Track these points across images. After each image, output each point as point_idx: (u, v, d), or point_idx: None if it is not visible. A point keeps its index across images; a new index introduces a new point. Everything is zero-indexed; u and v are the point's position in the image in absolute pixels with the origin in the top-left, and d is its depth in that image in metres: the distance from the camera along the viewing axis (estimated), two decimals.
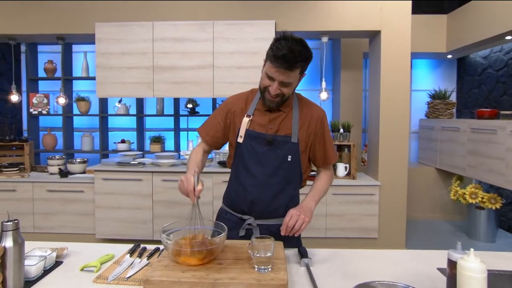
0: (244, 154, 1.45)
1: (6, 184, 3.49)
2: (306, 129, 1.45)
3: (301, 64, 1.31)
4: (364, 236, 3.45)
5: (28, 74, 4.27)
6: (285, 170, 1.44)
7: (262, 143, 1.42)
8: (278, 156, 1.42)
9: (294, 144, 1.43)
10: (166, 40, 3.30)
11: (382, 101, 3.39)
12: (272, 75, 1.32)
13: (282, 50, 1.26)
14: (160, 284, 1.08)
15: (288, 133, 1.43)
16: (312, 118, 1.46)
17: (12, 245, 1.10)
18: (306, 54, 1.30)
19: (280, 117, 1.43)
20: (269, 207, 1.45)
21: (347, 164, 3.59)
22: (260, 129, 1.43)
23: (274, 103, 1.38)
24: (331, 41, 4.69)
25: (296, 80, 1.37)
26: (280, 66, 1.27)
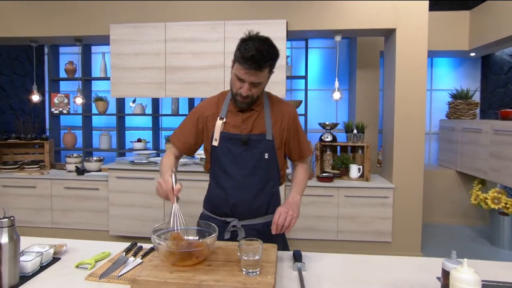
0: (220, 156, 1.46)
1: (27, 181, 3.63)
2: (279, 126, 1.47)
3: (269, 63, 1.33)
4: (377, 239, 3.36)
5: (50, 74, 4.43)
6: (263, 169, 1.45)
7: (237, 144, 1.44)
8: (254, 155, 1.44)
9: (269, 142, 1.45)
10: (178, 40, 3.33)
11: (397, 101, 3.29)
12: (242, 76, 1.33)
13: (250, 51, 1.27)
14: (146, 284, 1.08)
15: (262, 131, 1.45)
16: (284, 115, 1.49)
17: (8, 241, 1.13)
18: (274, 53, 1.33)
19: (252, 117, 1.45)
20: (251, 207, 1.46)
21: (360, 166, 3.50)
22: (234, 130, 1.45)
23: (245, 103, 1.40)
24: (348, 40, 4.60)
25: (265, 80, 1.39)
26: (249, 67, 1.29)
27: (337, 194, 3.35)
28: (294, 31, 3.39)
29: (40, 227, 3.64)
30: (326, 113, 4.68)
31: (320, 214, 3.37)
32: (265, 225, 1.49)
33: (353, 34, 3.72)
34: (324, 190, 3.35)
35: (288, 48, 4.68)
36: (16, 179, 3.65)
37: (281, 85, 3.32)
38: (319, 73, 4.70)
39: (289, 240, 3.32)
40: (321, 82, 4.68)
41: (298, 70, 4.58)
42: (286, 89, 4.64)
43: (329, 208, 3.36)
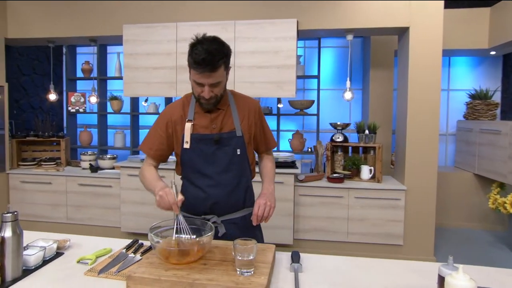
0: (193, 158, 1.47)
1: (44, 177, 3.75)
2: (247, 121, 1.52)
3: (222, 62, 1.33)
4: (388, 242, 3.30)
5: (67, 74, 4.56)
6: (236, 165, 1.49)
7: (209, 144, 1.46)
8: (227, 152, 1.47)
9: (240, 138, 1.49)
10: (189, 40, 3.32)
11: (410, 101, 3.21)
12: (199, 81, 1.35)
13: (200, 54, 1.29)
14: (141, 280, 1.10)
15: (232, 128, 1.49)
16: (250, 110, 1.54)
17: (11, 235, 1.17)
18: (224, 51, 1.34)
19: (220, 116, 1.48)
20: (229, 202, 1.50)
21: (372, 167, 3.44)
22: (204, 131, 1.46)
23: (210, 105, 1.42)
24: (362, 39, 4.53)
25: (224, 78, 1.40)
26: (203, 70, 1.30)
27: (347, 195, 3.30)
28: (305, 30, 3.36)
29: (56, 222, 3.75)
30: (339, 113, 4.63)
31: (330, 215, 3.33)
32: (243, 218, 1.54)
33: (365, 33, 3.65)
34: (334, 191, 3.32)
35: (301, 48, 4.65)
36: (33, 175, 3.77)
37: (291, 84, 3.30)
38: (332, 73, 4.65)
39: (297, 240, 3.34)
40: (335, 82, 4.62)
41: (311, 70, 4.54)
42: (297, 88, 4.63)
43: (339, 209, 3.32)
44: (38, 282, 1.17)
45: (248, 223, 1.50)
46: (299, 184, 3.36)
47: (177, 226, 1.25)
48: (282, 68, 3.27)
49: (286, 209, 3.32)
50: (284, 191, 3.31)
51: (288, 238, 3.34)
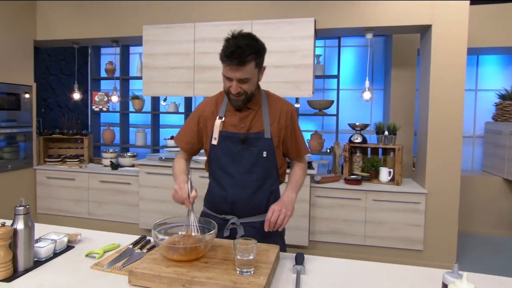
0: (219, 155, 1.48)
1: (67, 173, 3.89)
2: (277, 124, 1.47)
3: (252, 57, 1.32)
4: (408, 247, 3.19)
5: (91, 74, 4.72)
6: (261, 167, 1.46)
7: (236, 143, 1.45)
8: (252, 153, 1.45)
9: (268, 140, 1.45)
10: (206, 40, 3.39)
11: (432, 101, 3.10)
12: (228, 74, 1.35)
13: (230, 48, 1.30)
14: (142, 276, 1.11)
15: (261, 130, 1.46)
16: (282, 113, 1.49)
17: (23, 227, 1.22)
18: (256, 46, 1.33)
19: (250, 115, 1.46)
20: (250, 204, 1.47)
21: (391, 169, 3.35)
22: (232, 129, 1.46)
23: (239, 102, 1.40)
24: (384, 38, 4.42)
25: (254, 75, 1.37)
26: (231, 63, 1.30)
27: (364, 198, 3.23)
28: (323, 29, 3.31)
29: (78, 217, 3.88)
30: (360, 114, 4.53)
31: (347, 218, 3.27)
32: (264, 223, 1.47)
33: (385, 32, 3.56)
34: (351, 193, 3.25)
35: (321, 47, 4.59)
36: (58, 171, 3.92)
37: (308, 84, 3.26)
38: (353, 72, 4.56)
39: (313, 242, 3.29)
40: (356, 82, 4.53)
41: (332, 69, 4.47)
42: (317, 88, 4.57)
43: (356, 211, 3.25)
44: (48, 273, 1.21)
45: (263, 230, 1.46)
46: (315, 185, 3.32)
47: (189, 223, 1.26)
48: (299, 68, 3.24)
49: (302, 210, 3.28)
50: (300, 192, 3.26)
51: (303, 239, 3.31)
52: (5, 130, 3.61)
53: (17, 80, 3.73)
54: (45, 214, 4.00)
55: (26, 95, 3.83)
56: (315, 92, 4.65)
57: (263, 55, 1.39)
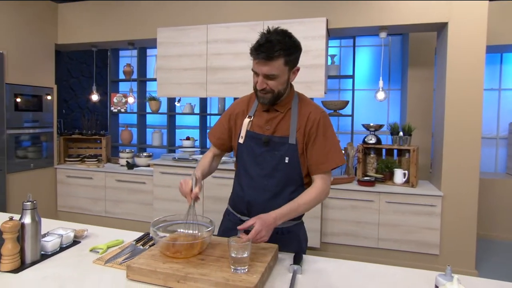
0: (244, 155, 1.47)
1: (86, 172, 4.02)
2: (303, 130, 1.40)
3: (281, 54, 1.26)
4: (423, 251, 3.10)
5: (110, 76, 4.85)
6: (282, 172, 1.40)
7: (259, 144, 1.42)
8: (275, 157, 1.40)
9: (292, 146, 1.39)
10: (219, 42, 3.43)
11: (448, 101, 3.01)
12: (255, 69, 1.32)
13: (260, 41, 1.27)
14: (139, 271, 1.14)
15: (286, 134, 1.40)
16: (309, 119, 1.40)
17: (30, 222, 1.27)
18: (287, 43, 1.27)
19: (277, 118, 1.41)
20: (266, 209, 1.37)
21: (406, 171, 3.27)
22: (258, 129, 1.44)
23: (266, 99, 1.36)
24: (401, 37, 4.33)
25: (283, 73, 1.31)
26: (258, 57, 1.27)
27: (378, 200, 3.16)
28: (336, 28, 3.28)
29: (95, 215, 4.00)
30: (376, 114, 4.45)
31: (360, 220, 3.22)
32: (280, 231, 1.43)
33: (400, 30, 3.48)
34: (364, 194, 3.19)
35: (336, 47, 4.55)
36: (77, 170, 4.06)
37: (320, 84, 3.24)
38: (370, 72, 4.49)
39: (325, 244, 3.25)
40: (372, 82, 4.46)
41: (348, 69, 4.41)
42: (332, 89, 4.52)
43: (369, 214, 3.19)
44: (53, 266, 1.26)
45: (285, 237, 1.44)
46: None
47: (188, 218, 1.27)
48: (311, 68, 3.22)
49: (313, 211, 3.25)
50: None
51: (315, 241, 3.28)
52: (28, 131, 3.77)
53: (39, 82, 3.90)
54: (65, 212, 4.15)
55: (48, 97, 3.99)
56: (330, 92, 4.62)
57: (296, 54, 1.33)
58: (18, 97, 3.63)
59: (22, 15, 3.69)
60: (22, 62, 3.69)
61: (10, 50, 3.56)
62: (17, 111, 3.63)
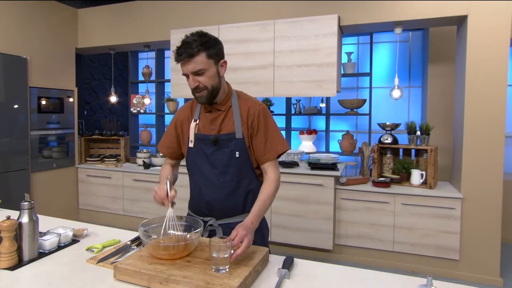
0: (196, 157, 1.51)
1: (105, 172, 4.15)
2: (246, 124, 1.46)
3: (200, 49, 1.33)
4: (442, 256, 2.96)
5: (130, 78, 4.98)
6: (234, 167, 1.46)
7: (208, 144, 1.47)
8: (225, 154, 1.46)
9: (240, 140, 1.45)
10: (230, 42, 3.43)
11: (468, 99, 2.85)
12: (183, 71, 1.39)
13: (178, 46, 1.36)
14: (125, 271, 1.15)
15: (231, 130, 1.46)
16: (249, 113, 1.47)
17: (27, 221, 1.31)
18: (203, 39, 1.34)
19: (220, 117, 1.48)
20: (226, 206, 1.47)
21: (423, 172, 3.13)
22: (204, 131, 1.50)
23: (203, 98, 1.41)
24: (422, 32, 4.15)
25: (208, 66, 1.36)
26: (181, 58, 1.34)
27: (393, 201, 3.06)
28: (348, 25, 3.19)
29: (114, 213, 4.12)
30: (397, 113, 4.30)
31: (374, 222, 3.12)
32: None
33: (415, 25, 3.33)
34: (378, 196, 3.09)
35: (354, 44, 4.43)
36: (96, 170, 4.20)
37: (331, 83, 3.16)
38: (390, 70, 4.34)
39: (339, 246, 3.18)
40: (392, 79, 4.31)
41: (367, 67, 4.29)
42: (347, 87, 4.41)
43: (384, 215, 3.09)
44: (48, 264, 1.29)
45: None
46: (340, 188, 3.20)
47: (169, 222, 1.28)
48: (322, 67, 3.15)
49: (326, 212, 3.19)
50: (324, 194, 3.18)
51: (327, 243, 3.21)
52: (50, 132, 3.94)
53: (61, 85, 4.06)
54: (86, 210, 4.30)
55: (69, 99, 4.15)
56: (348, 91, 4.51)
57: (216, 47, 1.38)
58: (41, 100, 3.80)
59: (44, 21, 3.86)
60: (44, 66, 3.86)
61: (34, 55, 3.73)
62: (40, 113, 3.80)
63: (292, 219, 3.30)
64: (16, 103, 3.55)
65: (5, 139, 3.48)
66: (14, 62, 3.52)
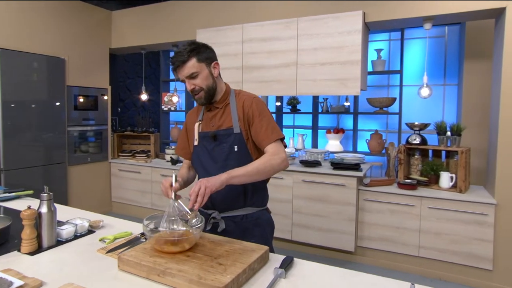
0: (200, 154, 1.61)
1: (135, 167, 4.34)
2: (242, 118, 1.53)
3: (191, 55, 1.44)
4: (473, 264, 2.80)
5: (161, 76, 5.16)
6: (234, 161, 1.51)
7: (209, 141, 1.57)
8: (224, 148, 1.53)
9: (238, 134, 1.52)
10: (254, 41, 3.45)
11: (504, 96, 2.66)
12: (180, 77, 1.50)
13: (172, 57, 1.49)
14: (127, 262, 1.21)
15: (229, 125, 1.53)
16: (244, 106, 1.54)
17: (46, 211, 1.41)
18: (191, 47, 1.46)
19: (218, 114, 1.57)
20: (227, 199, 1.53)
21: (453, 174, 2.97)
22: (205, 128, 1.60)
23: (201, 99, 1.51)
24: (458, 26, 3.92)
25: (201, 69, 1.46)
26: (174, 67, 1.46)
27: (419, 205, 2.93)
28: (375, 22, 3.09)
29: (143, 207, 4.30)
30: (431, 112, 4.10)
31: (398, 225, 3.01)
32: (244, 217, 1.56)
33: (449, 20, 3.14)
34: (403, 198, 2.98)
35: (385, 41, 4.28)
36: (128, 165, 4.40)
37: (355, 81, 3.08)
38: (423, 67, 4.15)
39: (361, 248, 3.11)
40: (428, 77, 4.11)
41: (398, 64, 4.13)
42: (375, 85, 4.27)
43: (409, 219, 2.97)
44: (63, 252, 1.39)
45: (248, 222, 1.55)
46: (364, 189, 3.12)
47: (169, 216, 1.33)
48: (346, 64, 3.08)
49: (348, 213, 3.12)
50: (346, 195, 3.12)
51: (349, 244, 3.14)
52: (85, 128, 4.19)
53: (96, 84, 4.29)
54: (118, 202, 4.52)
55: (104, 97, 4.38)
56: (378, 89, 4.37)
57: (206, 51, 1.49)
58: (77, 98, 4.05)
59: (81, 24, 4.10)
60: (81, 66, 4.10)
61: (71, 55, 3.98)
62: (76, 110, 4.04)
63: (314, 218, 3.27)
64: (56, 101, 3.81)
65: (49, 134, 3.76)
66: (54, 62, 3.78)
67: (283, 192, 3.36)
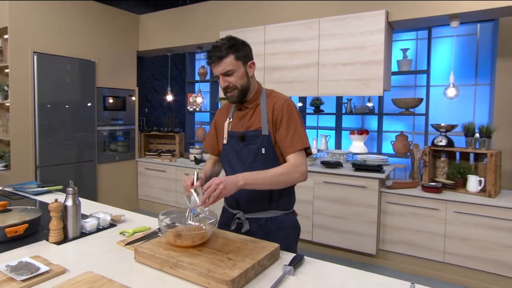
0: (228, 153, 1.59)
1: (160, 166, 4.47)
2: (272, 120, 1.49)
3: (229, 51, 1.41)
4: (502, 273, 2.67)
5: (187, 78, 5.29)
6: (260, 163, 1.48)
7: (237, 141, 1.55)
8: (251, 150, 1.51)
9: (266, 137, 1.49)
10: (275, 41, 3.47)
11: None
12: (214, 72, 1.47)
13: (209, 50, 1.47)
14: (143, 254, 1.27)
15: (258, 127, 1.50)
16: (275, 109, 1.49)
17: (71, 204, 1.50)
18: (231, 42, 1.43)
19: (248, 114, 1.54)
20: (252, 201, 1.52)
21: (482, 178, 2.85)
22: (235, 128, 1.57)
23: (234, 97, 1.49)
24: (492, 23, 3.76)
25: (237, 67, 1.44)
26: (212, 61, 1.44)
27: (444, 209, 2.83)
28: (399, 21, 3.02)
29: (167, 204, 4.42)
30: (461, 113, 3.95)
31: (422, 229, 2.93)
32: (268, 219, 1.54)
33: (476, 17, 3.02)
34: (427, 201, 2.89)
35: (412, 40, 4.17)
36: (153, 163, 4.54)
37: (378, 81, 3.03)
38: (454, 67, 4.00)
39: (384, 252, 3.06)
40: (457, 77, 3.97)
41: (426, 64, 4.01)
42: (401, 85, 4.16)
43: (433, 223, 2.88)
44: (86, 243, 1.47)
45: (273, 225, 1.53)
46: (386, 191, 3.06)
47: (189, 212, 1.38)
48: (368, 65, 3.04)
49: (369, 215, 3.07)
50: (367, 197, 3.07)
51: (370, 247, 3.09)
52: (114, 127, 4.37)
53: (124, 85, 4.47)
54: (144, 200, 4.68)
55: (132, 98, 4.55)
56: (404, 89, 4.26)
57: (244, 49, 1.48)
58: (107, 99, 4.24)
59: (110, 27, 4.29)
60: (110, 68, 4.29)
61: (101, 58, 4.17)
62: (105, 110, 4.23)
63: (334, 220, 3.24)
64: (88, 101, 4.01)
65: (80, 133, 3.96)
66: (85, 65, 3.98)
67: (304, 193, 3.35)
